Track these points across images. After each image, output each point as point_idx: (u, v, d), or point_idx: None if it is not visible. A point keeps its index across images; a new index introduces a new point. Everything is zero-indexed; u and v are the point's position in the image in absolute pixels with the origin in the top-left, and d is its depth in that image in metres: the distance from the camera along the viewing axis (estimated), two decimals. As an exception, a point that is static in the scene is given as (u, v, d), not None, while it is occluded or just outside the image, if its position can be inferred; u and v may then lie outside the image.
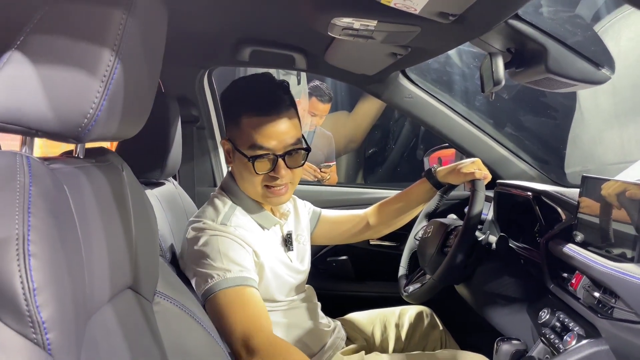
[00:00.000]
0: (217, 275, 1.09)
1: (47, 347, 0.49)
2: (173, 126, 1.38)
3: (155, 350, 0.81)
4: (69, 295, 0.52)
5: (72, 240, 0.57)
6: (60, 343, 0.50)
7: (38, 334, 0.48)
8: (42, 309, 0.48)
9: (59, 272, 0.51)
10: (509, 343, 1.08)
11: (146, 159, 1.29)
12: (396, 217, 1.52)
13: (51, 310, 0.49)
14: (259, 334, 1.03)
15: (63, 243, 0.53)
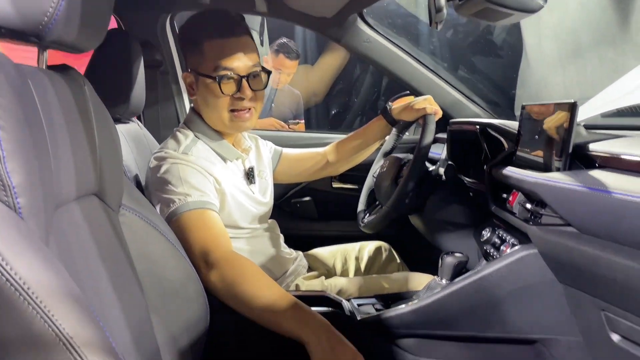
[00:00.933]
0: (178, 199, 1.15)
1: (18, 210, 0.55)
2: (135, 66, 1.41)
3: (122, 254, 0.88)
4: (36, 170, 0.58)
5: (38, 126, 0.62)
6: (30, 209, 0.56)
7: (9, 197, 0.54)
8: (12, 175, 0.54)
9: (26, 146, 0.56)
10: (452, 256, 1.18)
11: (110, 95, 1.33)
12: (354, 154, 1.60)
13: (20, 178, 0.55)
14: (217, 250, 1.10)
15: (29, 125, 0.59)
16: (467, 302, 1.09)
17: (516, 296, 1.07)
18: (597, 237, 0.87)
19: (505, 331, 1.10)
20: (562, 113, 1.03)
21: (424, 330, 1.13)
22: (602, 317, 0.94)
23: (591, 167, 0.96)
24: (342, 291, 1.38)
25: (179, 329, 0.96)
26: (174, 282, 0.99)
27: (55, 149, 0.68)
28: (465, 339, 1.13)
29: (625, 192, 0.78)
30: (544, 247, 1.03)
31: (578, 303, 1.00)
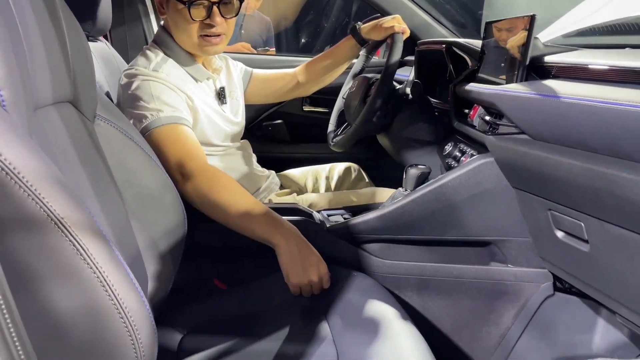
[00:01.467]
0: (150, 115, 1.18)
1: (2, 103, 0.57)
2: (101, -18, 1.38)
3: (100, 161, 0.91)
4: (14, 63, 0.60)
5: (13, 26, 0.64)
6: (13, 103, 0.59)
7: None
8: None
9: (5, 42, 0.58)
10: (416, 167, 1.25)
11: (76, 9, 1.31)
12: (324, 74, 1.63)
13: (2, 72, 0.57)
14: (191, 162, 1.14)
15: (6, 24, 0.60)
16: (428, 208, 1.17)
17: (473, 201, 1.15)
18: (547, 142, 0.95)
19: (462, 234, 1.19)
20: (521, 27, 1.07)
21: (388, 235, 1.21)
22: (549, 216, 1.03)
23: (546, 78, 1.02)
24: (312, 205, 1.45)
25: (158, 234, 1.01)
26: (151, 191, 1.03)
27: (31, 52, 0.70)
28: (425, 243, 1.23)
29: (572, 96, 0.85)
30: (500, 155, 1.10)
31: (528, 205, 1.09)
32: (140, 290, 0.62)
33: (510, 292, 1.23)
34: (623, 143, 0.76)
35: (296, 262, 1.05)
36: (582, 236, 0.96)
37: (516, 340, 1.25)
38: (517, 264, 1.21)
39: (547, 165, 0.94)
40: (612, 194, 0.80)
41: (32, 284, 0.55)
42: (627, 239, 0.83)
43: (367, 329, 0.91)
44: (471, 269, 1.22)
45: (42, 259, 0.55)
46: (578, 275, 1.07)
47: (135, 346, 0.60)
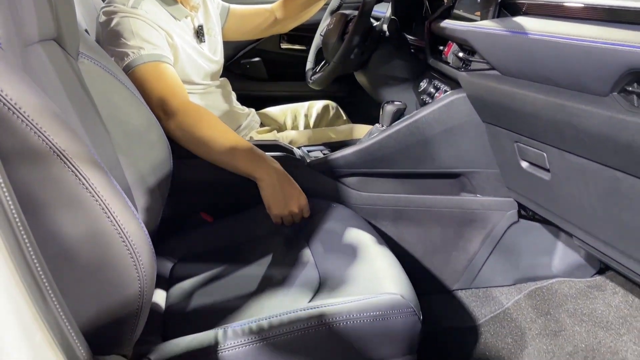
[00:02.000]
0: (132, 52, 1.19)
1: None
2: None
3: (86, 97, 0.94)
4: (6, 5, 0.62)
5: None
6: (7, 41, 0.61)
7: None
8: None
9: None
10: (392, 104, 1.29)
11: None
12: (302, 10, 1.63)
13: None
14: (174, 99, 1.17)
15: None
16: (403, 142, 1.23)
17: (445, 135, 1.22)
18: (515, 77, 1.00)
19: (435, 167, 1.26)
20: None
21: (365, 169, 1.28)
22: (515, 148, 1.10)
23: (516, 15, 1.06)
24: (292, 141, 1.49)
25: (145, 169, 1.06)
26: (137, 127, 1.06)
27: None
28: (400, 175, 1.30)
29: (539, 32, 0.90)
30: (471, 90, 1.16)
31: (496, 138, 1.16)
32: (138, 216, 0.67)
33: (478, 220, 1.32)
34: (584, 77, 0.82)
35: (277, 195, 1.11)
36: (544, 166, 1.04)
37: (482, 264, 1.35)
38: (485, 194, 1.30)
39: (514, 100, 1.00)
40: (572, 125, 0.87)
41: (40, 213, 0.59)
42: (584, 166, 0.91)
43: (346, 253, 0.99)
44: (442, 199, 1.30)
45: (47, 189, 0.59)
46: (540, 203, 1.16)
47: (136, 266, 0.65)
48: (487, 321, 1.31)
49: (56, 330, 0.54)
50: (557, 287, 1.36)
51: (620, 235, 0.93)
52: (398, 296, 0.81)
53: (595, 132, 0.82)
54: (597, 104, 0.80)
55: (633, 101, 0.75)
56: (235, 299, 0.92)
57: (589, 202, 0.96)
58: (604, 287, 1.33)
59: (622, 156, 0.80)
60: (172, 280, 1.04)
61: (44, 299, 0.53)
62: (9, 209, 0.53)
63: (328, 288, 0.89)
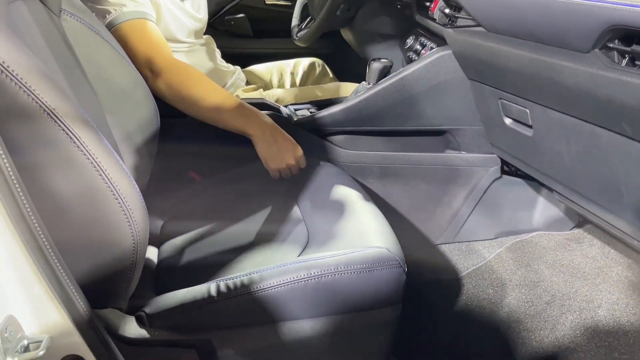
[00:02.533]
0: (113, 10, 1.16)
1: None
2: None
3: (70, 56, 0.93)
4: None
5: None
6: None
7: None
8: None
9: None
10: (378, 61, 1.30)
11: None
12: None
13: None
14: (160, 57, 1.16)
15: None
16: (389, 99, 1.24)
17: (431, 93, 1.23)
18: (501, 34, 1.01)
19: (421, 124, 1.28)
20: None
21: (352, 127, 1.29)
22: (499, 105, 1.12)
23: (502, -30, 1.06)
24: (279, 100, 1.49)
25: (132, 128, 1.06)
26: (123, 86, 1.06)
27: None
28: (386, 133, 1.31)
29: (525, -11, 0.90)
30: (457, 47, 1.16)
31: (481, 95, 1.18)
32: (129, 174, 0.69)
33: (462, 176, 1.35)
34: (567, 34, 0.83)
35: (273, 149, 1.12)
36: (527, 122, 1.06)
37: (466, 219, 1.39)
38: (469, 151, 1.32)
39: (499, 57, 1.01)
40: (554, 82, 0.88)
41: (34, 171, 0.60)
42: (565, 122, 0.93)
43: (333, 209, 1.01)
44: (427, 156, 1.33)
45: (40, 148, 0.60)
46: (523, 158, 1.18)
47: (130, 223, 0.67)
48: (470, 273, 1.36)
49: (55, 283, 0.56)
50: (537, 240, 1.41)
51: (599, 190, 0.97)
52: (384, 249, 0.84)
53: (576, 87, 0.84)
54: (579, 60, 0.82)
55: (613, 57, 0.77)
56: (226, 254, 0.94)
57: (570, 157, 0.99)
58: (582, 240, 1.38)
59: (601, 111, 0.82)
60: (163, 237, 1.06)
61: (41, 253, 0.55)
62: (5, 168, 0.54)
63: (316, 243, 0.92)
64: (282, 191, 1.15)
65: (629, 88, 0.73)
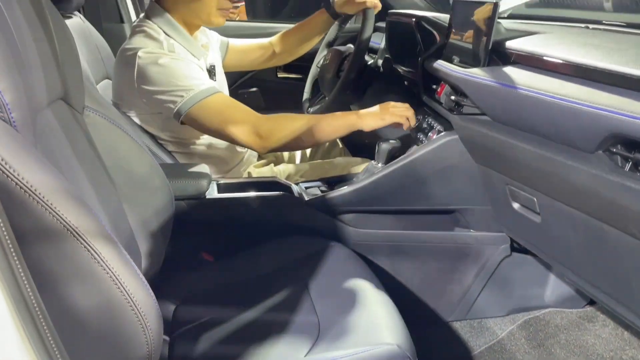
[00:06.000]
0: (192, 89, 1.23)
1: (14, 124, 0.63)
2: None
3: (92, 151, 0.97)
4: (21, 87, 0.65)
5: (13, 44, 0.68)
6: (22, 122, 0.65)
7: (5, 113, 0.62)
8: (5, 93, 0.61)
9: (11, 64, 0.63)
10: (387, 142, 1.33)
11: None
12: (299, 45, 1.67)
13: (12, 95, 0.62)
14: (262, 121, 1.28)
15: (8, 44, 0.65)
16: (399, 181, 1.27)
17: (439, 175, 1.25)
18: (506, 125, 1.04)
19: (430, 204, 1.30)
20: (485, 12, 1.14)
21: (362, 207, 1.31)
22: (507, 190, 1.14)
23: (506, 63, 1.10)
24: (290, 176, 1.53)
25: (148, 215, 1.09)
26: (140, 174, 1.09)
27: (27, 60, 0.74)
28: (396, 212, 1.33)
29: (529, 88, 0.93)
30: (464, 134, 1.19)
31: (489, 179, 1.20)
32: (145, 283, 0.71)
33: (472, 254, 1.36)
34: (570, 135, 0.86)
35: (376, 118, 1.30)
36: (534, 209, 1.07)
37: (477, 296, 1.39)
38: (479, 229, 1.33)
39: (505, 147, 1.04)
40: (560, 178, 0.91)
41: (55, 287, 0.62)
42: (572, 214, 0.95)
43: (344, 298, 1.02)
44: (437, 235, 1.34)
45: (61, 265, 0.63)
46: (531, 241, 1.19)
47: (145, 332, 0.68)
48: (482, 352, 1.34)
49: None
50: (550, 317, 1.40)
51: (609, 282, 0.97)
52: (395, 347, 0.84)
53: (582, 186, 0.86)
54: (583, 161, 0.84)
55: (617, 161, 0.79)
56: (236, 346, 0.95)
57: (578, 247, 1.00)
58: (595, 319, 1.36)
59: (607, 212, 0.84)
60: (175, 324, 1.07)
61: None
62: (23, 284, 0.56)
63: (327, 338, 0.92)
64: (294, 274, 1.16)
65: (633, 194, 0.75)
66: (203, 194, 1.26)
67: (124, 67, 1.29)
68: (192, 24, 1.36)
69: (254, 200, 1.31)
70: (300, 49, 1.70)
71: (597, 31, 1.20)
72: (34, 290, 0.57)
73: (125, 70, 1.28)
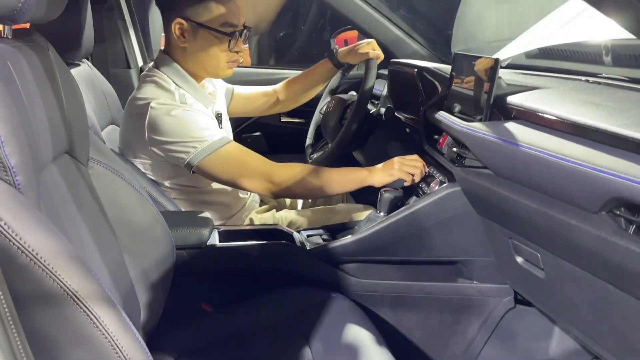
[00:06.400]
0: (205, 140, 1.25)
1: (18, 187, 0.63)
2: (83, 6, 1.41)
3: (95, 204, 0.97)
4: (27, 148, 0.66)
5: (21, 106, 0.69)
6: (27, 184, 0.65)
7: (9, 176, 0.62)
8: (10, 157, 0.62)
9: (18, 127, 0.64)
10: (389, 191, 1.33)
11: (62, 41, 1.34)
12: (302, 93, 1.70)
13: (17, 159, 0.63)
14: (272, 170, 1.32)
15: (16, 105, 0.66)
16: (401, 232, 1.26)
17: (442, 226, 1.25)
18: (508, 179, 1.04)
19: (432, 255, 1.29)
20: (486, 66, 1.16)
21: (364, 257, 1.30)
22: (510, 244, 1.13)
23: (507, 118, 1.11)
24: (292, 223, 1.52)
25: (149, 265, 1.08)
26: (142, 225, 1.09)
27: (34, 118, 0.75)
28: (398, 262, 1.32)
29: (531, 145, 0.94)
30: (466, 186, 1.19)
31: (491, 232, 1.19)
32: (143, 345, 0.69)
33: (475, 306, 1.34)
34: (573, 194, 0.86)
35: (385, 174, 1.32)
36: (538, 264, 1.06)
37: (481, 349, 1.36)
38: (482, 281, 1.32)
39: (508, 202, 1.03)
40: (564, 236, 0.90)
41: (52, 351, 0.61)
42: (577, 273, 0.94)
43: (345, 354, 1.00)
44: (440, 286, 1.33)
45: (60, 328, 0.62)
46: (535, 296, 1.18)
47: (142, 396, 0.67)
48: (486, 407, 1.31)
49: None
50: (555, 372, 1.37)
51: (612, 339, 0.95)
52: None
53: (585, 247, 0.85)
54: (587, 221, 0.83)
55: (621, 224, 0.79)
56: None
57: (582, 305, 0.98)
58: (601, 375, 1.33)
59: (612, 274, 0.83)
60: (173, 379, 1.05)
61: None
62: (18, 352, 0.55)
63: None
64: (294, 327, 1.14)
65: (638, 258, 0.74)
66: (204, 242, 1.26)
67: (135, 117, 1.30)
68: (200, 75, 1.38)
69: (255, 249, 1.30)
70: (303, 96, 1.72)
71: (597, 86, 1.22)
72: (29, 356, 0.56)
73: (136, 119, 1.29)
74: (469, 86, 1.23)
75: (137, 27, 1.96)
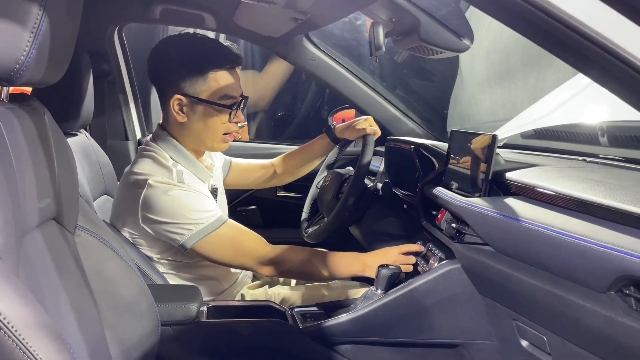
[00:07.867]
0: (200, 223, 1.24)
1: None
2: (85, 79, 1.44)
3: (78, 274, 0.92)
4: (10, 211, 0.63)
5: (9, 169, 0.67)
6: (6, 249, 0.61)
7: None
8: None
9: (5, 192, 0.61)
10: (387, 268, 1.29)
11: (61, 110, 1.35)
12: (299, 167, 1.70)
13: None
14: (271, 252, 1.32)
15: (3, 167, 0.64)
16: (399, 311, 1.21)
17: (442, 305, 1.20)
18: (510, 256, 1.01)
19: (432, 337, 1.23)
20: (484, 143, 1.16)
21: (360, 337, 1.24)
22: (514, 326, 1.08)
23: (506, 194, 1.09)
24: (284, 300, 1.46)
25: (131, 342, 1.01)
26: (127, 298, 1.04)
27: (22, 182, 0.73)
28: (396, 344, 1.25)
29: (532, 221, 0.91)
30: (466, 263, 1.16)
31: (494, 312, 1.14)
32: None
33: (479, 394, 1.25)
34: (580, 273, 0.82)
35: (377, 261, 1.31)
36: (545, 349, 1.00)
37: None
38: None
39: (510, 280, 0.99)
40: (571, 318, 0.85)
41: None
42: (586, 357, 0.88)
43: None
44: (441, 372, 1.25)
45: None
46: (543, 383, 1.10)
47: None
48: None
49: None
50: None
51: None
52: None
53: (595, 329, 0.80)
54: (595, 301, 0.79)
55: (631, 304, 0.75)
56: None
57: (594, 394, 0.92)
58: None
59: (624, 358, 0.78)
60: None
61: None
62: None
63: None
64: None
65: (653, 341, 0.70)
66: (191, 318, 1.20)
67: (129, 191, 1.27)
68: (199, 150, 1.38)
69: (245, 327, 1.24)
70: (301, 170, 1.72)
71: (594, 165, 1.22)
72: None
73: (131, 194, 1.27)
74: (467, 163, 1.23)
75: (137, 99, 1.99)
